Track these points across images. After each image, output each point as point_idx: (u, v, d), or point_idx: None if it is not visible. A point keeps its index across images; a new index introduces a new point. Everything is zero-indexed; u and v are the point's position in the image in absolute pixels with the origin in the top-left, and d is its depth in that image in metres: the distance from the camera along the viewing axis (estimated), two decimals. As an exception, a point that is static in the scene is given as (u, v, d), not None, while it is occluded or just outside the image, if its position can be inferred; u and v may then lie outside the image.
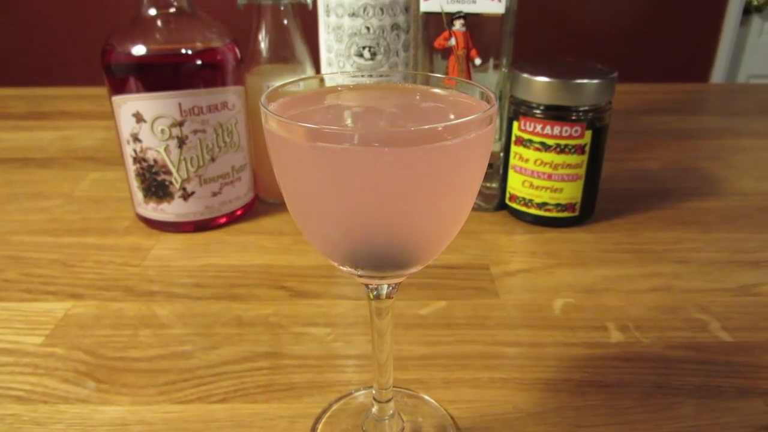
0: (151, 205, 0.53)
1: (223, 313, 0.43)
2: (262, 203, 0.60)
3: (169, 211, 0.53)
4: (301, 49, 0.56)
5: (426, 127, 0.20)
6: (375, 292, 0.29)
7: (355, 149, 0.20)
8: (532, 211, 0.55)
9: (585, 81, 0.49)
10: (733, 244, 0.52)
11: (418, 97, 0.27)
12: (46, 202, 0.60)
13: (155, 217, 0.53)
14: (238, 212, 0.56)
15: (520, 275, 0.48)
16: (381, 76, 0.30)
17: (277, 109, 0.24)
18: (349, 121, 0.25)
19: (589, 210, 0.55)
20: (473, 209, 0.58)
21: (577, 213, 0.54)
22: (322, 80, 0.27)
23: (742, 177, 0.66)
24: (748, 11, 1.91)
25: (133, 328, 0.41)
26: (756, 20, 1.93)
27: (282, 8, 0.54)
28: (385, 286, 0.28)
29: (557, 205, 0.54)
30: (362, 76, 0.28)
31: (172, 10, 0.49)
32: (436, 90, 0.27)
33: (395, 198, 0.21)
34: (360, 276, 0.26)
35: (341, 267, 0.25)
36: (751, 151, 0.74)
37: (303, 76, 0.21)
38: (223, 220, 0.55)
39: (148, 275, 0.48)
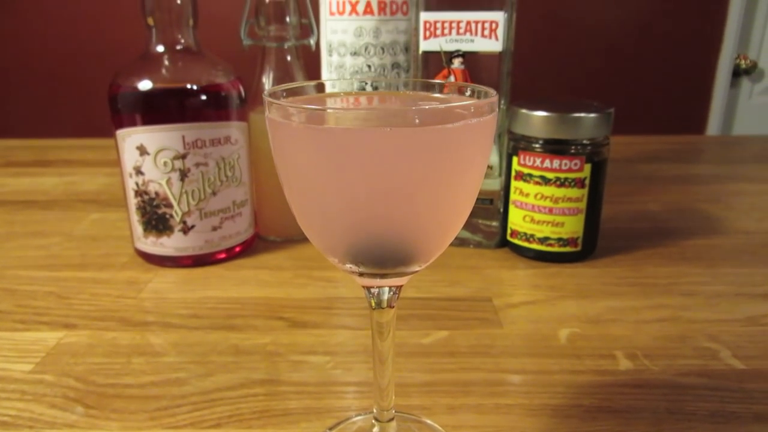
0: (151, 239, 0.53)
1: (220, 342, 0.42)
2: (263, 240, 0.59)
3: (169, 245, 0.52)
4: (303, 89, 0.58)
5: (427, 107, 0.20)
6: (376, 299, 0.28)
7: (357, 130, 0.20)
8: (534, 246, 0.54)
9: (583, 115, 0.50)
10: (738, 278, 0.51)
11: (420, 96, 0.27)
12: (45, 240, 0.60)
13: (154, 252, 0.53)
14: (237, 249, 0.56)
15: (523, 307, 0.47)
16: (382, 82, 0.30)
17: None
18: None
19: (591, 245, 0.55)
20: (474, 246, 0.58)
21: (579, 248, 0.54)
22: (323, 85, 0.27)
23: (742, 217, 0.66)
24: (737, 74, 1.97)
25: (126, 356, 0.40)
26: (745, 82, 1.99)
27: (286, 49, 0.56)
28: (386, 290, 0.27)
29: (559, 239, 0.53)
30: (364, 83, 0.28)
31: (179, 47, 0.51)
32: (437, 94, 0.27)
33: (396, 181, 0.21)
34: (361, 275, 0.25)
35: (343, 265, 0.25)
36: (750, 194, 0.75)
37: (306, 82, 0.21)
38: (222, 255, 0.55)
39: (144, 306, 0.47)
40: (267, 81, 0.57)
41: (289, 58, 0.56)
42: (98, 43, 1.79)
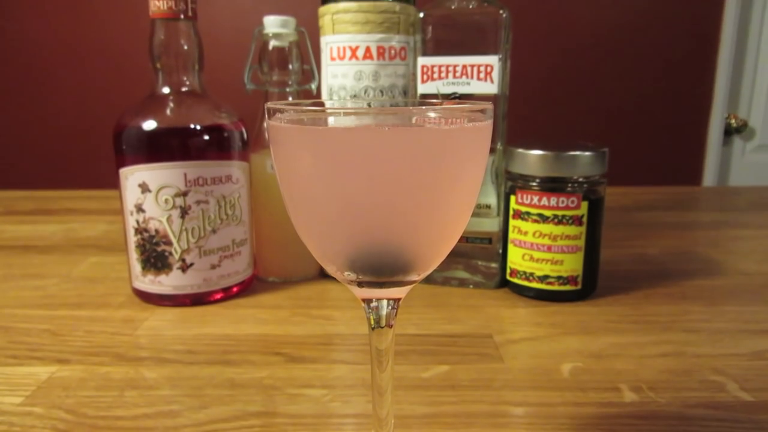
0: (149, 277, 0.52)
1: (215, 376, 0.41)
2: (261, 282, 0.59)
3: (167, 283, 0.52)
4: (304, 132, 0.59)
5: (424, 107, 0.21)
6: (375, 314, 0.28)
7: (356, 129, 0.20)
8: (534, 285, 0.54)
9: (578, 153, 0.51)
10: (741, 316, 0.51)
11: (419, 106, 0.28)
12: (42, 281, 0.59)
13: (152, 290, 0.53)
14: (235, 289, 0.55)
15: (524, 342, 0.46)
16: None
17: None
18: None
19: (591, 284, 0.54)
20: (474, 286, 0.57)
21: (579, 286, 0.53)
22: (323, 103, 0.28)
23: (742, 260, 0.66)
24: (728, 132, 2.01)
25: (119, 390, 0.39)
26: (737, 141, 2.03)
27: (288, 93, 0.58)
28: (385, 303, 0.27)
29: (559, 278, 0.53)
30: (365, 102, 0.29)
31: (185, 89, 0.52)
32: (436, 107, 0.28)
33: (394, 181, 0.21)
34: (360, 284, 0.25)
35: (342, 274, 0.25)
36: (748, 239, 0.75)
37: (307, 101, 0.22)
38: (220, 295, 0.54)
39: (139, 343, 0.46)
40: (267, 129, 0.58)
41: (290, 100, 0.58)
42: (102, 96, 1.84)
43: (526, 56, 1.61)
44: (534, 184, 0.53)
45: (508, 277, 0.56)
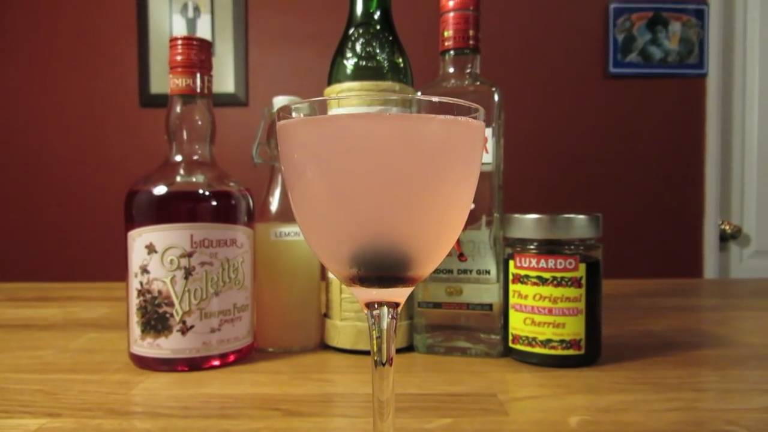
0: (148, 340, 0.52)
1: (210, 428, 0.39)
2: (260, 352, 0.58)
3: (165, 346, 0.52)
4: (308, 205, 0.61)
5: (424, 98, 0.23)
6: (378, 326, 0.28)
7: (358, 115, 0.22)
8: (537, 350, 0.53)
9: (573, 216, 0.53)
10: (749, 378, 0.50)
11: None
12: (39, 351, 0.59)
13: (150, 354, 0.52)
14: (232, 357, 0.54)
15: (529, 400, 0.45)
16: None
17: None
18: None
19: (595, 350, 0.54)
20: (475, 355, 0.57)
21: (583, 351, 0.53)
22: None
23: (747, 334, 0.65)
24: (724, 239, 2.04)
25: (111, 438, 0.38)
26: (734, 247, 2.06)
27: (293, 167, 0.61)
28: (386, 312, 0.28)
29: (562, 341, 0.53)
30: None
31: (196, 157, 0.55)
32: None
33: (393, 166, 0.23)
34: (362, 280, 0.26)
35: (345, 271, 0.26)
36: (751, 318, 0.74)
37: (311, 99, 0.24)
38: (218, 362, 0.53)
39: (134, 400, 0.45)
40: (274, 197, 0.61)
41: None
42: (107, 192, 1.89)
43: (521, 162, 1.68)
44: (532, 247, 0.54)
45: (510, 344, 0.55)
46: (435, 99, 0.23)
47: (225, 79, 1.93)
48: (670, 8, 1.95)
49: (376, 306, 0.28)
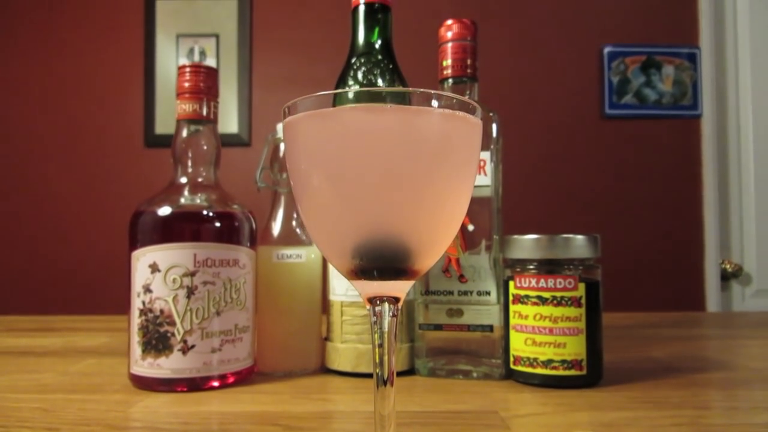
0: (148, 360, 0.52)
1: (210, 441, 0.39)
2: (260, 375, 0.58)
3: (166, 366, 0.51)
4: (310, 229, 0.62)
5: (420, 90, 0.24)
6: (379, 324, 0.28)
7: (360, 108, 0.24)
8: (539, 370, 0.53)
9: (571, 236, 0.54)
10: (752, 397, 0.49)
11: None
12: (38, 375, 0.58)
13: (150, 374, 0.52)
14: (231, 379, 0.54)
15: (531, 417, 0.44)
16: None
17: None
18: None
19: (597, 371, 0.53)
20: (477, 378, 0.56)
21: (584, 371, 0.52)
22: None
23: (749, 360, 0.65)
24: (726, 278, 2.04)
25: (109, 449, 0.37)
26: (735, 286, 2.05)
27: (296, 191, 0.62)
28: (387, 308, 0.28)
29: (563, 362, 0.52)
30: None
31: (200, 179, 0.57)
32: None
33: (394, 157, 0.24)
34: (363, 272, 0.26)
35: (347, 264, 0.26)
36: (756, 347, 0.74)
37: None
38: (217, 383, 0.53)
39: (133, 416, 0.44)
40: (276, 222, 0.62)
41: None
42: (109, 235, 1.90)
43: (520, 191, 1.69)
44: (531, 267, 0.54)
45: (512, 366, 0.55)
46: (433, 92, 0.24)
47: (229, 120, 1.97)
48: (662, 52, 2.01)
49: (378, 302, 0.28)
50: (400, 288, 0.27)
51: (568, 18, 2.02)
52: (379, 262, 0.26)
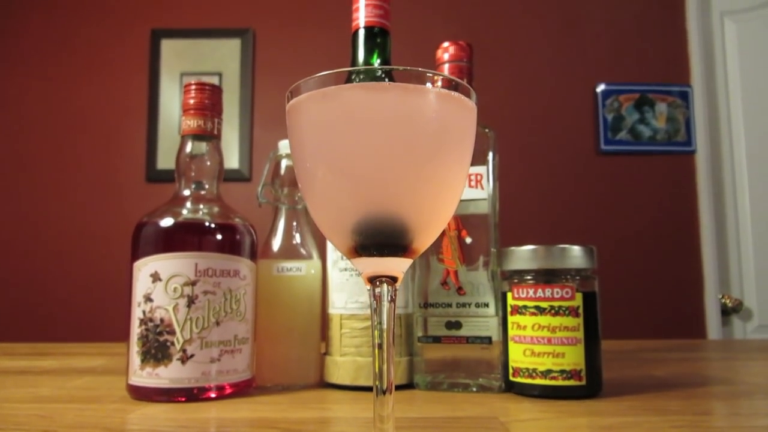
0: (147, 370, 0.52)
1: (208, 440, 0.39)
2: (258, 388, 0.58)
3: (164, 375, 0.51)
4: (310, 244, 0.63)
5: (420, 69, 0.25)
6: (378, 306, 0.29)
7: (360, 86, 0.25)
8: (538, 381, 0.53)
9: (568, 246, 0.55)
10: (754, 407, 0.49)
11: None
12: (36, 389, 0.58)
13: (148, 384, 0.51)
14: (229, 390, 0.54)
15: (531, 422, 0.44)
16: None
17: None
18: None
19: (596, 382, 0.53)
20: (476, 391, 0.56)
21: (584, 382, 0.52)
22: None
23: (752, 377, 0.65)
24: (726, 312, 2.03)
25: (107, 447, 0.37)
26: (737, 321, 2.04)
27: (297, 210, 0.63)
28: (386, 289, 0.29)
29: (562, 372, 0.52)
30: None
31: (203, 193, 0.58)
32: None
33: (393, 133, 0.25)
34: (364, 248, 0.27)
35: (347, 243, 0.27)
36: (757, 367, 0.73)
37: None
38: (214, 394, 0.53)
39: (131, 422, 0.44)
40: (277, 235, 0.62)
41: (299, 219, 0.62)
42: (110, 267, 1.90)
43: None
44: (529, 277, 0.55)
45: (511, 378, 0.55)
46: (432, 72, 0.25)
47: (230, 156, 1.99)
48: (655, 90, 2.05)
49: (377, 283, 0.29)
50: (399, 266, 0.28)
51: (563, 57, 2.08)
52: (378, 238, 0.27)
